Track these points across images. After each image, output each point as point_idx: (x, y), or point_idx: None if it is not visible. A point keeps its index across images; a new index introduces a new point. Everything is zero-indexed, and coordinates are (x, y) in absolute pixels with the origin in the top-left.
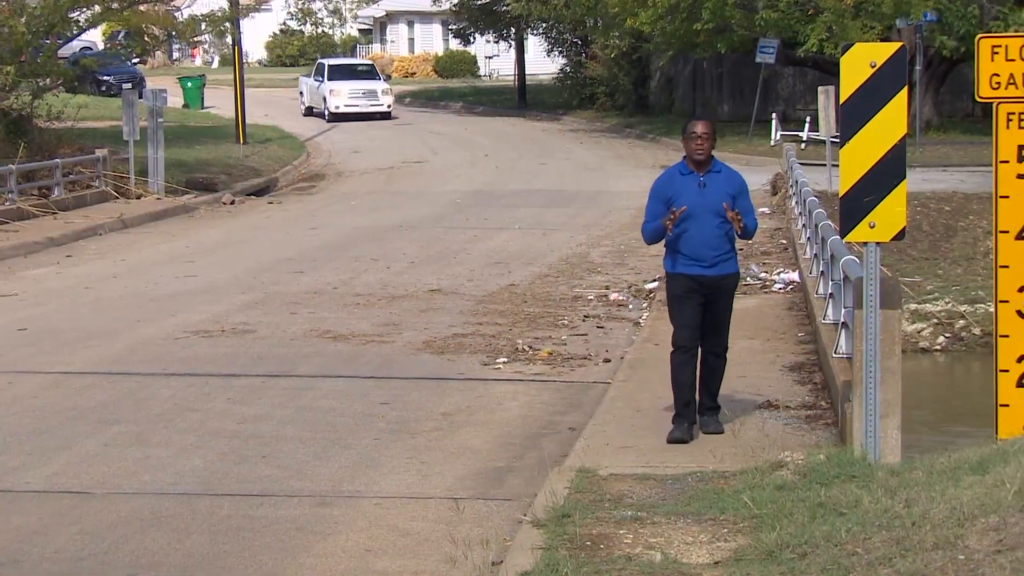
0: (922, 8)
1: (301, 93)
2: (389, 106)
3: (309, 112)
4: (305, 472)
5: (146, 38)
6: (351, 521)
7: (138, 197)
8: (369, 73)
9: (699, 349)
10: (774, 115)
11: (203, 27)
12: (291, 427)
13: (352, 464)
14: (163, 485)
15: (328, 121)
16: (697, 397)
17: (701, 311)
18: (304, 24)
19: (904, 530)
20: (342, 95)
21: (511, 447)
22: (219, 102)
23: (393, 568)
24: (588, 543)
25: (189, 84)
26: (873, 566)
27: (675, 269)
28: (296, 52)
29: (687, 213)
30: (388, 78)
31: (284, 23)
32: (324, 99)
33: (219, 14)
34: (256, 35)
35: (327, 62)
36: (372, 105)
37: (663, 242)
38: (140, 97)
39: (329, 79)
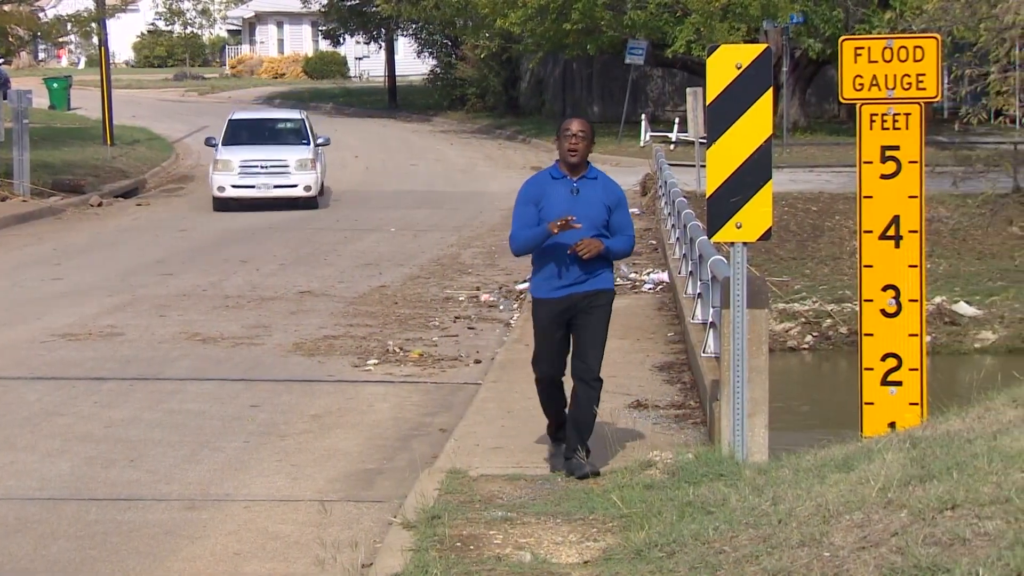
0: (789, 11)
1: None
2: (309, 188)
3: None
4: (173, 476)
5: (10, 39)
6: (220, 524)
7: (3, 199)
8: (292, 134)
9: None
10: (644, 116)
11: (69, 27)
12: (159, 431)
13: (221, 467)
14: (28, 490)
15: (215, 209)
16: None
17: (565, 340)
18: (173, 24)
19: (771, 528)
20: (231, 170)
21: (381, 449)
22: (86, 103)
23: (262, 571)
24: (458, 544)
25: (55, 85)
26: (740, 564)
27: (540, 294)
28: (165, 53)
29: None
30: (323, 143)
31: (152, 23)
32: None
33: (85, 14)
34: (123, 35)
35: (232, 116)
36: (279, 188)
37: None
38: (5, 98)
39: (226, 143)
